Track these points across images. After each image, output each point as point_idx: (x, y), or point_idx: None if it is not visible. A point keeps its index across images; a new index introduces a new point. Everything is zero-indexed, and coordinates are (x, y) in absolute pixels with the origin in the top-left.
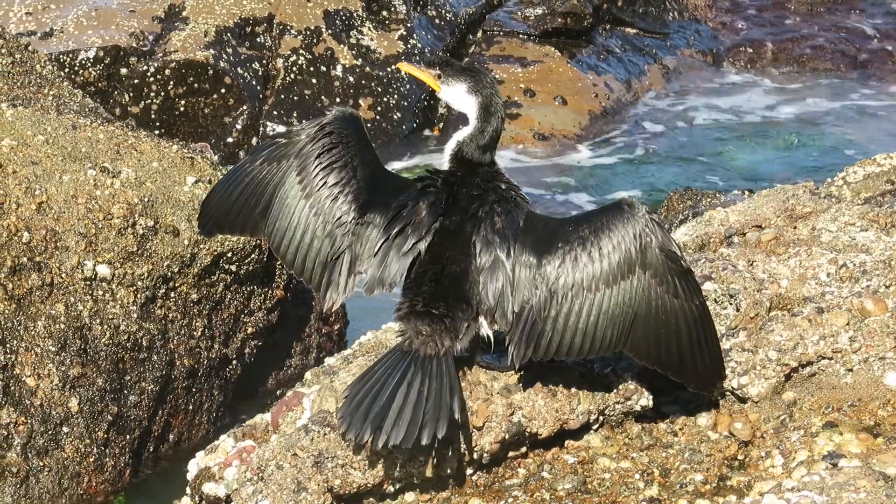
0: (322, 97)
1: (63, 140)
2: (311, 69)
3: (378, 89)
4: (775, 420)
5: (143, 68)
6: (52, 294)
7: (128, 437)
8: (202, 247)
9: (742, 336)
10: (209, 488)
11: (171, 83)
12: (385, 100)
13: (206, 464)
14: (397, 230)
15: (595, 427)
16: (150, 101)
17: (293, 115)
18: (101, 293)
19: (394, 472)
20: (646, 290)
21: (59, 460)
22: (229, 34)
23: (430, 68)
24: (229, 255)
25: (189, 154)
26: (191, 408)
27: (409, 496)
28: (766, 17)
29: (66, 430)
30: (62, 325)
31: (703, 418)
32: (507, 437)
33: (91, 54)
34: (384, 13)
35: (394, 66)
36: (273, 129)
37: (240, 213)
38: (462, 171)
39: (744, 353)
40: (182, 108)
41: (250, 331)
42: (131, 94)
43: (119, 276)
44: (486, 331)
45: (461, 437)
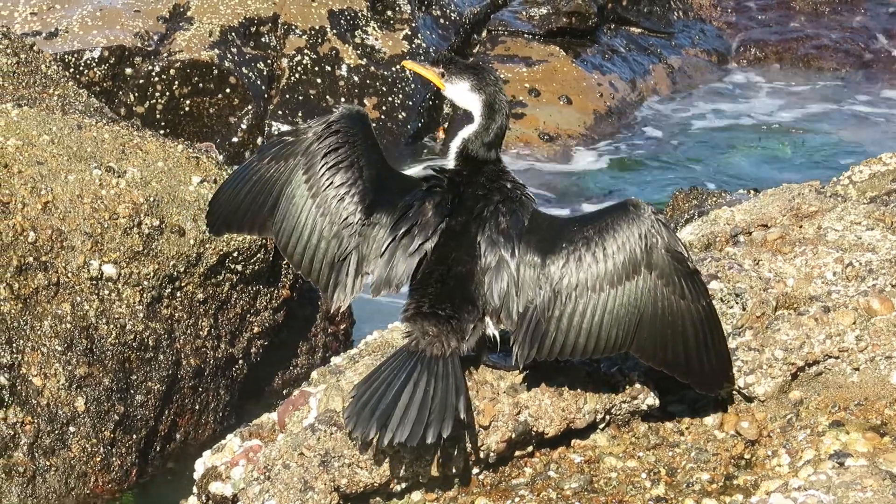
0: (327, 97)
1: (68, 140)
2: (316, 69)
3: (383, 89)
4: (782, 419)
5: (147, 68)
6: (58, 294)
7: (134, 436)
8: (208, 246)
9: (748, 335)
10: (216, 487)
11: (176, 83)
12: (390, 99)
13: (213, 463)
14: (404, 231)
15: (601, 426)
16: (155, 100)
17: (298, 115)
18: (107, 293)
19: (400, 472)
20: (652, 290)
21: (65, 460)
22: (234, 34)
23: (435, 66)
24: (235, 254)
25: (194, 154)
26: (197, 407)
27: (416, 495)
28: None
29: (72, 429)
30: (68, 325)
31: (710, 417)
32: (513, 436)
33: (96, 54)
34: (389, 13)
35: (398, 66)
36: (278, 128)
37: (248, 212)
38: (467, 169)
39: (750, 352)
40: (187, 108)
41: (256, 330)
42: (136, 94)
43: (125, 276)
44: (492, 330)
45: (467, 436)
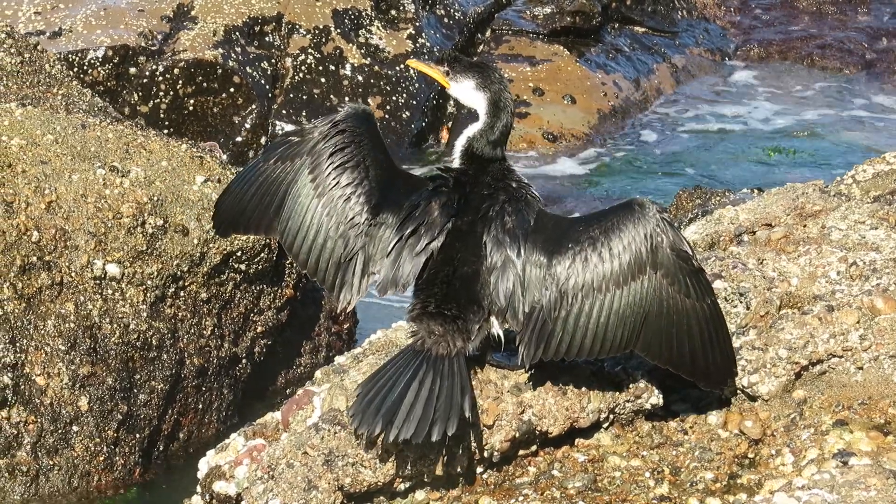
0: (331, 96)
1: (72, 139)
2: (320, 68)
3: (387, 88)
4: (785, 418)
5: (151, 68)
6: (62, 293)
7: (138, 435)
8: (211, 246)
9: (752, 334)
10: (220, 487)
11: (180, 82)
12: (394, 99)
13: (217, 462)
14: (410, 230)
15: (605, 425)
16: (158, 100)
17: (302, 115)
18: (110, 292)
19: (404, 471)
20: (657, 289)
21: (68, 459)
22: (238, 33)
23: (439, 65)
24: (239, 254)
25: (198, 153)
26: (201, 406)
27: (420, 494)
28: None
29: (75, 428)
30: (72, 325)
31: (714, 416)
32: (517, 435)
33: (100, 54)
34: (393, 12)
35: (403, 65)
36: (282, 128)
37: (254, 213)
38: (473, 168)
39: (754, 351)
40: (191, 108)
41: (260, 329)
42: (140, 94)
43: (128, 276)
44: (496, 330)
45: (472, 435)
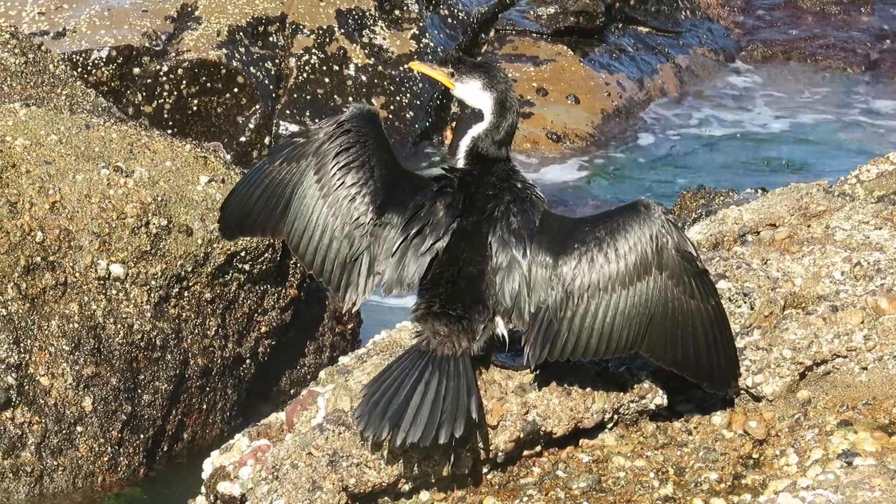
0: (335, 96)
1: (76, 139)
2: (324, 68)
3: (391, 88)
4: (790, 419)
5: (155, 68)
6: (66, 293)
7: (142, 436)
8: (216, 246)
9: (756, 334)
10: (224, 487)
11: (184, 83)
12: (398, 99)
13: (221, 463)
14: (415, 231)
15: (610, 426)
16: (162, 100)
17: (306, 115)
18: (114, 292)
19: (409, 471)
20: (662, 291)
21: (73, 459)
22: (242, 33)
23: (443, 66)
24: (243, 254)
25: (202, 153)
26: (205, 407)
27: (424, 495)
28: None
29: (80, 429)
30: (76, 325)
31: (718, 417)
32: (521, 435)
33: (104, 54)
34: (397, 12)
35: (406, 65)
36: (286, 128)
37: (260, 215)
38: (478, 168)
39: (758, 351)
40: (195, 108)
41: (264, 330)
42: (144, 94)
43: (133, 276)
44: (501, 330)
45: (476, 435)
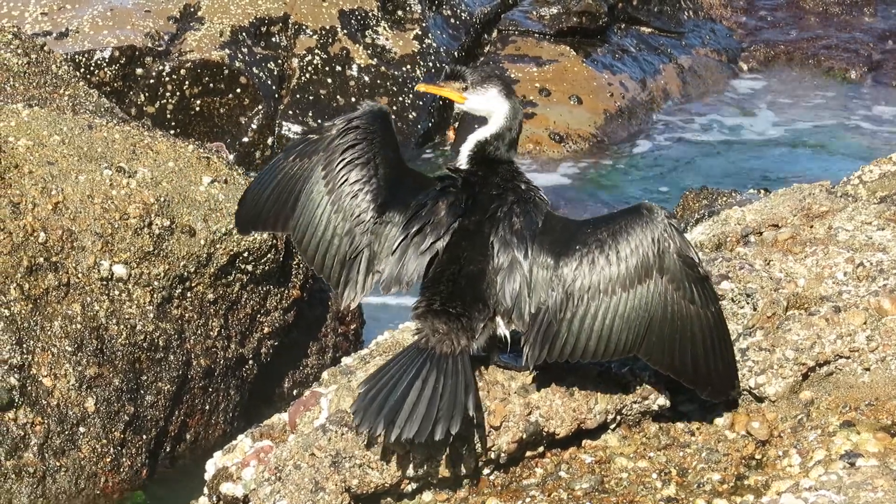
0: (337, 97)
1: (79, 140)
2: (327, 69)
3: (393, 89)
4: (792, 419)
5: (158, 68)
6: (69, 294)
7: (144, 437)
8: (218, 246)
9: (759, 335)
10: (227, 488)
11: (187, 83)
12: (400, 99)
13: (224, 464)
14: (416, 229)
15: (612, 427)
16: (165, 101)
17: (308, 115)
18: (117, 293)
19: (411, 472)
20: (662, 294)
21: (75, 460)
22: (244, 34)
23: (451, 82)
24: (245, 254)
25: (205, 154)
26: (207, 408)
27: (427, 496)
28: (781, 16)
29: (82, 430)
30: (78, 326)
31: (721, 418)
32: (524, 436)
33: (106, 54)
34: (399, 13)
35: (409, 65)
36: (289, 129)
37: (272, 209)
38: (482, 170)
39: (761, 352)
40: (197, 108)
41: (266, 330)
42: (147, 94)
43: (135, 276)
44: (502, 330)
45: (478, 436)
